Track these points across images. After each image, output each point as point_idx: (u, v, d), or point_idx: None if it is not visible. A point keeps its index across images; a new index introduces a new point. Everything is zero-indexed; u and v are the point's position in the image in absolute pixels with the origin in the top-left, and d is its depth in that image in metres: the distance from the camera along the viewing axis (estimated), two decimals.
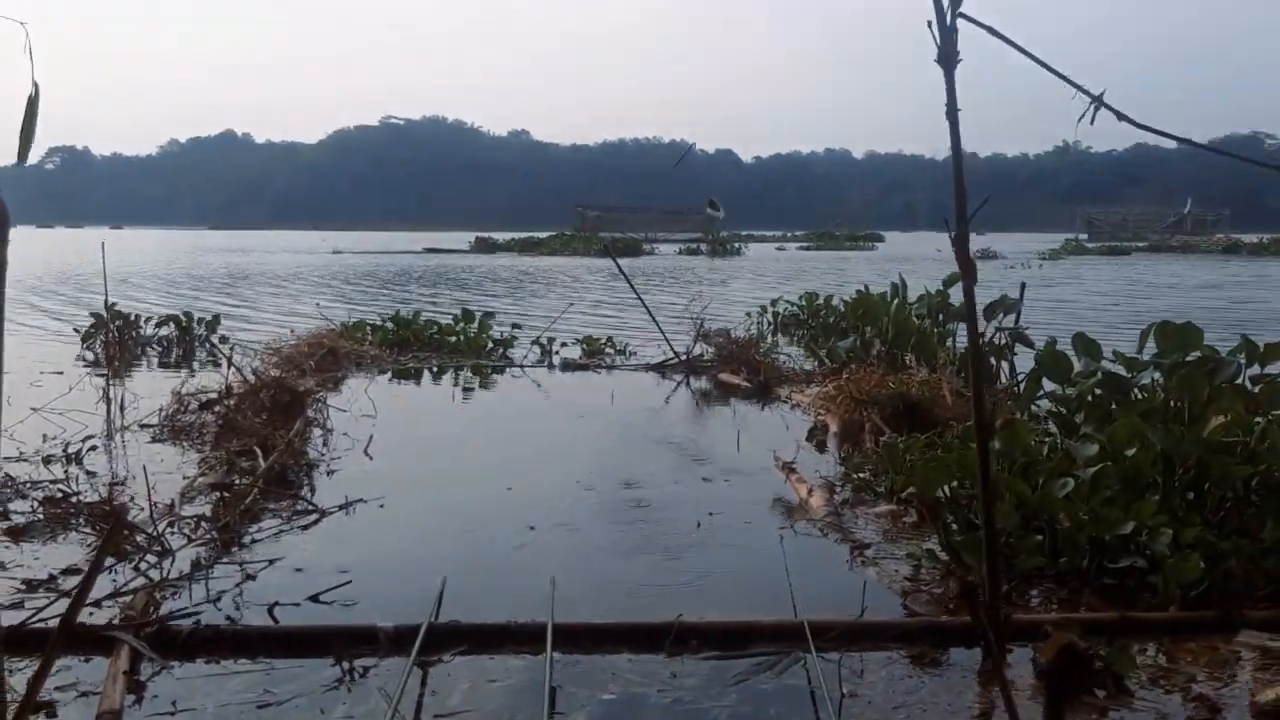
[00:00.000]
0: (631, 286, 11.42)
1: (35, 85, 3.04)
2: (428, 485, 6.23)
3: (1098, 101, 3.26)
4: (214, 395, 7.26)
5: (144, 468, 5.66)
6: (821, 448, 7.12)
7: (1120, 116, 3.37)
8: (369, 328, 12.39)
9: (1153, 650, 3.71)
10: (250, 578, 4.39)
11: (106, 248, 12.18)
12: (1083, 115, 3.19)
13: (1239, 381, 6.32)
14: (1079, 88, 3.23)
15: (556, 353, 11.83)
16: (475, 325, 12.35)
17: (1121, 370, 6.52)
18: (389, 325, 12.33)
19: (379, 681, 3.38)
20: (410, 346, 11.81)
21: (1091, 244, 62.10)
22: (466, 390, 9.97)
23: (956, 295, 9.38)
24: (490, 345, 12.07)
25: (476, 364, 11.20)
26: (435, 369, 11.00)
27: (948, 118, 3.49)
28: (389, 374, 10.60)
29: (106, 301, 10.76)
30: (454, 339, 12.07)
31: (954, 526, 4.60)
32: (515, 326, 12.82)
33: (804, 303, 14.90)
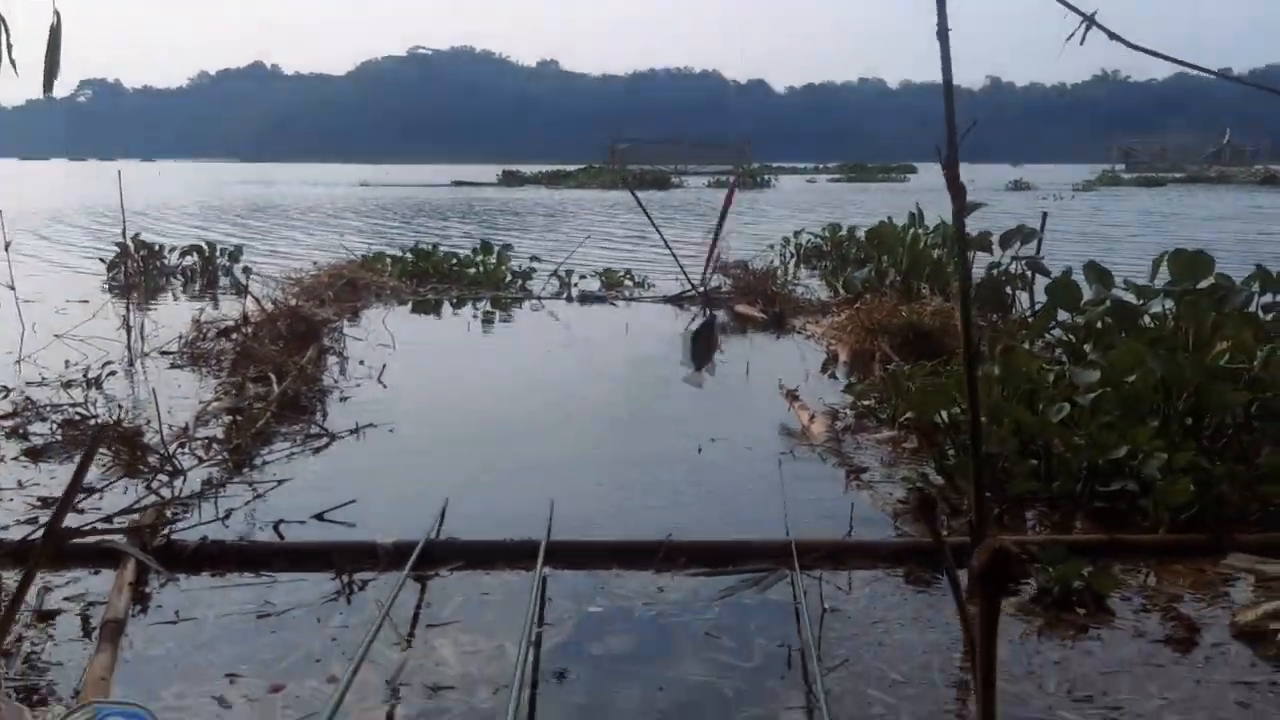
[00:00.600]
0: (649, 218, 11.31)
1: (56, 14, 3.09)
2: (438, 412, 6.33)
3: (1089, 21, 3.23)
4: (232, 323, 7.37)
5: (153, 391, 5.78)
6: (831, 377, 7.16)
7: (1111, 36, 3.33)
8: (389, 259, 12.46)
9: (1142, 574, 3.76)
10: (259, 497, 4.51)
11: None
12: (1071, 35, 3.16)
13: (1250, 310, 6.29)
14: (1069, 5, 3.19)
15: (575, 285, 11.87)
16: (494, 258, 12.39)
17: (1132, 298, 6.51)
18: (408, 257, 12.40)
19: (377, 594, 3.48)
20: (429, 278, 11.88)
21: (1127, 175, 61.01)
22: (484, 322, 10.05)
23: (972, 225, 9.31)
24: (509, 277, 12.11)
25: (495, 296, 11.27)
26: (454, 301, 11.08)
27: (939, 38, 3.47)
28: (409, 305, 10.71)
29: (124, 231, 10.87)
30: (473, 271, 12.12)
31: (950, 451, 4.64)
32: (534, 259, 12.85)
33: (826, 234, 14.83)
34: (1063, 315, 6.83)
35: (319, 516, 4.23)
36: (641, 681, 2.94)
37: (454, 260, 12.47)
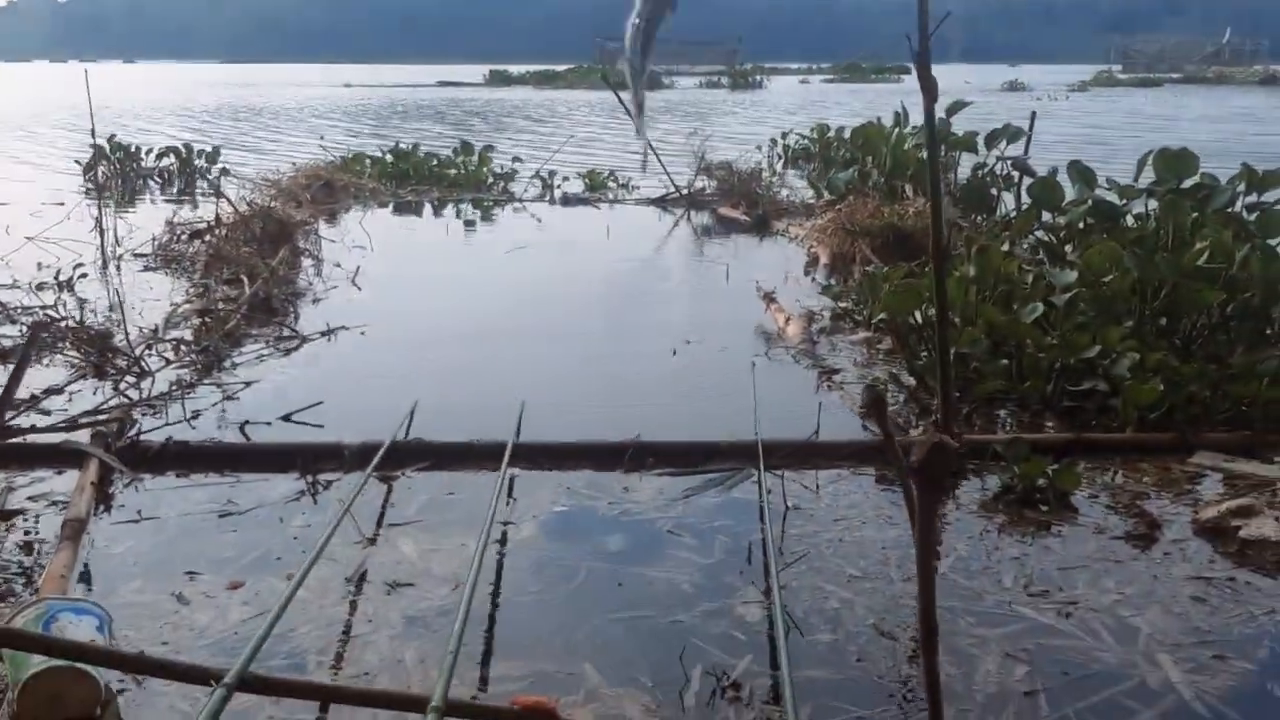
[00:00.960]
0: (632, 118, 11.14)
1: None
2: (412, 315, 6.28)
3: None
4: (205, 225, 7.27)
5: (117, 293, 5.73)
6: (812, 280, 7.11)
7: None
8: (368, 160, 12.27)
9: (1109, 473, 3.77)
10: (228, 398, 4.49)
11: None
12: None
13: (1233, 209, 6.21)
14: None
15: (558, 187, 11.72)
16: (475, 158, 12.21)
17: (1115, 198, 6.42)
18: (388, 158, 12.21)
19: (341, 494, 3.48)
20: (409, 180, 11.72)
21: (1124, 75, 60.14)
22: (465, 224, 9.94)
23: (959, 125, 9.17)
24: (490, 179, 11.95)
25: (476, 198, 11.13)
26: (435, 203, 10.94)
27: None
28: (389, 207, 10.58)
29: (93, 131, 10.63)
30: (454, 172, 11.95)
31: (923, 352, 4.61)
32: (516, 160, 12.67)
33: (815, 135, 14.62)
34: (1047, 216, 6.76)
35: (286, 418, 4.21)
36: (601, 577, 2.95)
37: (434, 161, 12.28)
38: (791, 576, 2.94)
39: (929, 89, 3.48)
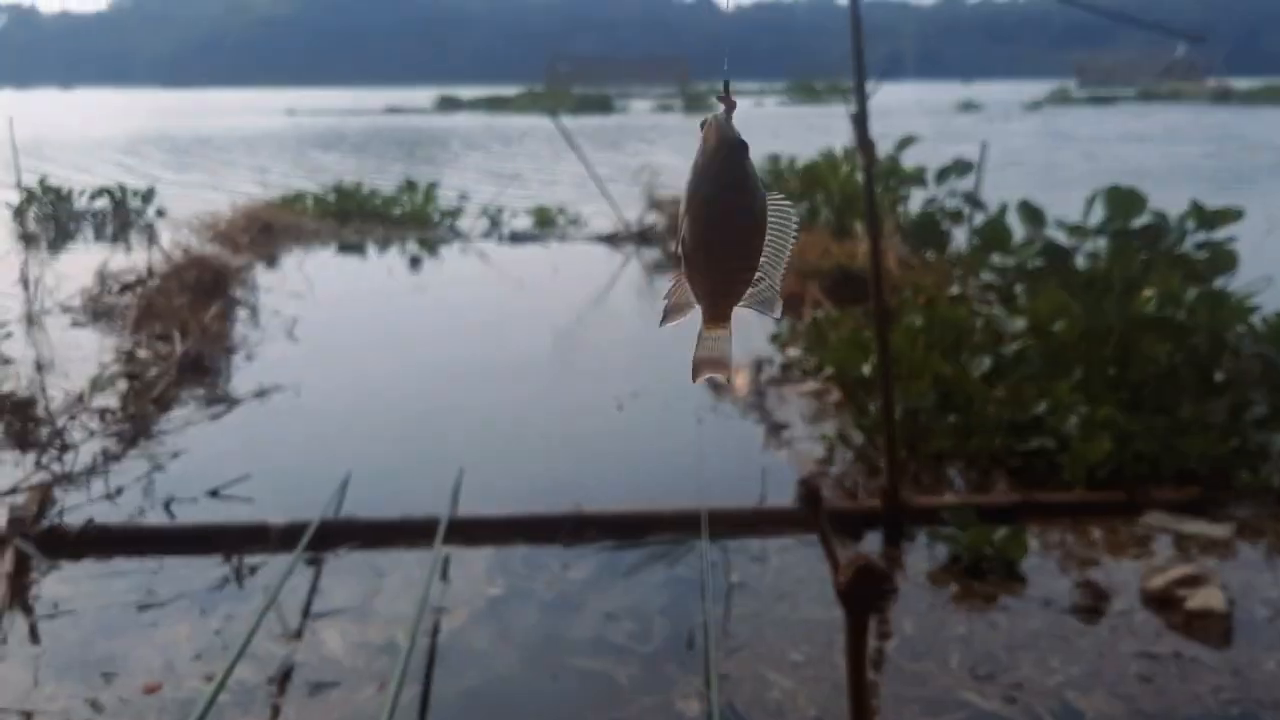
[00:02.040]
0: (581, 158, 11.12)
1: None
2: (349, 370, 6.11)
3: None
4: (135, 277, 7.08)
5: (36, 364, 5.53)
6: (759, 322, 7.04)
7: None
8: (310, 199, 12.06)
9: (1059, 534, 3.71)
10: (156, 469, 4.33)
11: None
12: None
13: (1182, 249, 6.23)
14: None
15: (506, 223, 11.58)
16: (421, 195, 12.05)
17: (1064, 238, 6.42)
18: (330, 197, 12.01)
19: (267, 579, 3.34)
20: (353, 218, 11.52)
21: (1079, 92, 60.92)
22: (408, 265, 9.79)
23: (910, 158, 9.18)
24: (437, 216, 11.79)
25: (422, 236, 10.97)
26: (379, 242, 10.77)
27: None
28: (332, 248, 10.39)
29: (18, 179, 10.19)
30: (399, 210, 11.78)
31: (870, 406, 4.54)
32: (463, 196, 12.53)
33: (767, 166, 14.60)
34: (996, 256, 6.73)
35: (213, 493, 4.05)
36: (536, 671, 2.84)
37: (378, 199, 12.10)
38: (734, 664, 2.84)
39: (867, 152, 3.43)
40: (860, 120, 3.35)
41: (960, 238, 8.54)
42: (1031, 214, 6.66)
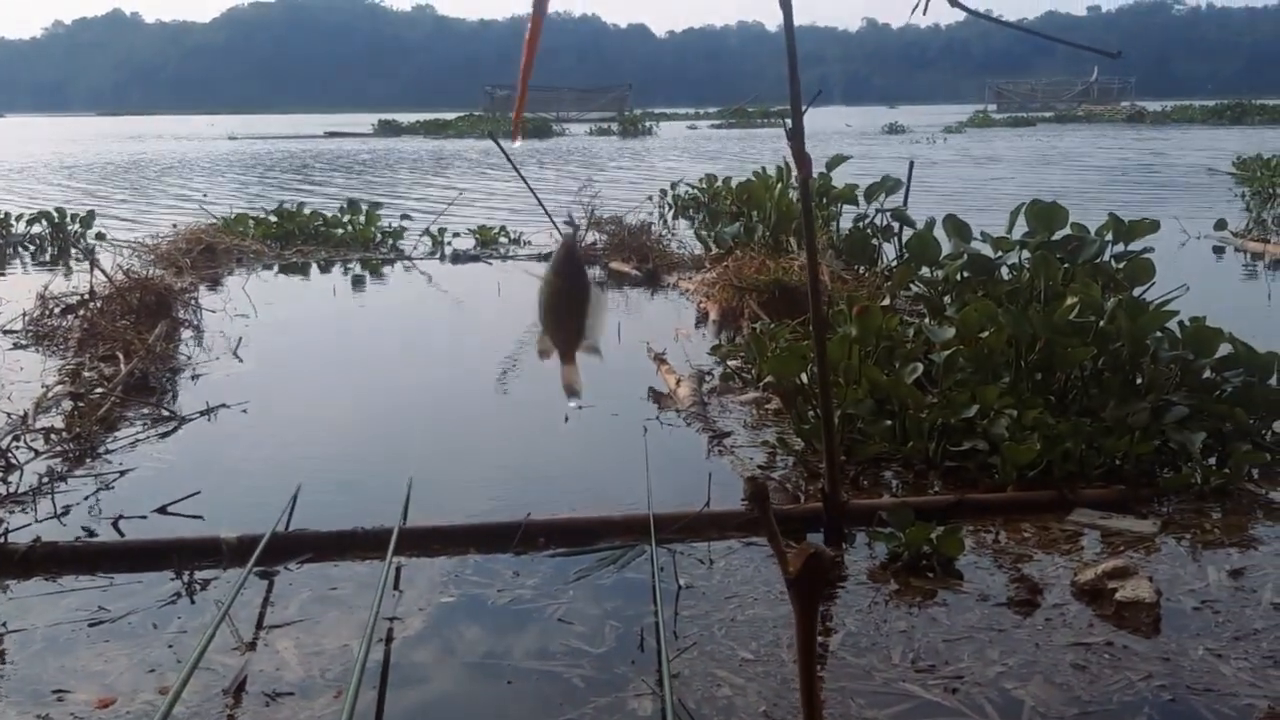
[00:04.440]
0: (518, 173, 11.13)
1: None
2: (296, 388, 6.15)
3: None
4: (78, 299, 7.02)
5: None
6: (703, 335, 7.17)
7: (953, 3, 3.33)
8: (251, 221, 12.01)
9: (992, 532, 3.85)
10: (103, 488, 4.31)
11: None
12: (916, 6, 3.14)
13: (1102, 260, 6.46)
14: None
15: (448, 243, 11.62)
16: (363, 217, 12.05)
17: (989, 251, 6.63)
18: (272, 218, 11.97)
19: (219, 594, 3.35)
20: (295, 240, 11.50)
21: (999, 115, 62.37)
22: (353, 285, 9.79)
23: (840, 177, 9.39)
24: (379, 237, 11.80)
25: (365, 257, 10.97)
26: (321, 263, 10.76)
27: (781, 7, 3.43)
28: (274, 269, 10.37)
29: None
30: (340, 231, 11.78)
31: (809, 413, 4.67)
32: (405, 217, 12.54)
33: (704, 185, 14.79)
34: (925, 269, 6.94)
35: (162, 510, 4.06)
36: (491, 676, 2.89)
37: (320, 220, 12.08)
38: (684, 663, 2.92)
39: (803, 163, 3.55)
40: (796, 133, 3.48)
41: (890, 252, 8.75)
42: (957, 227, 6.86)
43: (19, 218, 12.29)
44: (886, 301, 6.44)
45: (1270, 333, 4.96)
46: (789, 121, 3.51)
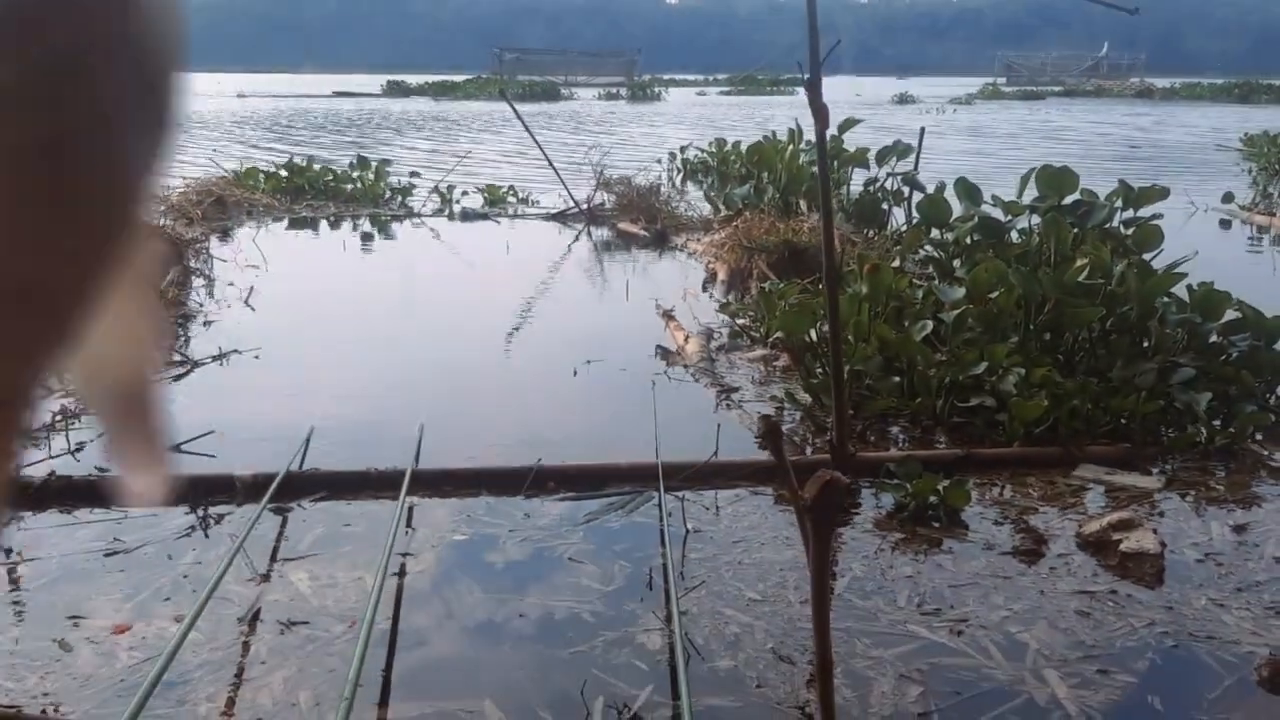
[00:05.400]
0: (529, 131, 11.19)
1: None
2: (307, 336, 6.18)
3: None
4: None
5: None
6: (711, 296, 7.18)
7: None
8: (262, 175, 12.01)
9: (998, 487, 3.88)
10: None
11: None
12: None
13: (1111, 225, 6.47)
14: None
15: (457, 201, 11.62)
16: (372, 173, 12.04)
17: (1000, 214, 6.63)
18: (282, 173, 11.97)
19: (233, 528, 3.40)
20: (305, 194, 11.50)
21: (1008, 88, 61.95)
22: (362, 240, 9.80)
23: (850, 140, 9.37)
24: (388, 194, 11.79)
25: (373, 213, 10.98)
26: (331, 219, 10.76)
27: None
28: (284, 222, 10.37)
29: None
30: (350, 187, 11.77)
31: (818, 369, 4.69)
32: (414, 174, 12.54)
33: (714, 149, 14.74)
34: (935, 232, 6.95)
35: (176, 448, 4.09)
36: (503, 609, 2.93)
37: (330, 176, 12.08)
38: (692, 602, 2.96)
39: (820, 114, 3.56)
40: (814, 84, 3.48)
41: (900, 217, 8.75)
42: (968, 190, 6.86)
43: None
44: (897, 264, 6.45)
45: (1276, 301, 4.96)
46: (806, 74, 3.52)
